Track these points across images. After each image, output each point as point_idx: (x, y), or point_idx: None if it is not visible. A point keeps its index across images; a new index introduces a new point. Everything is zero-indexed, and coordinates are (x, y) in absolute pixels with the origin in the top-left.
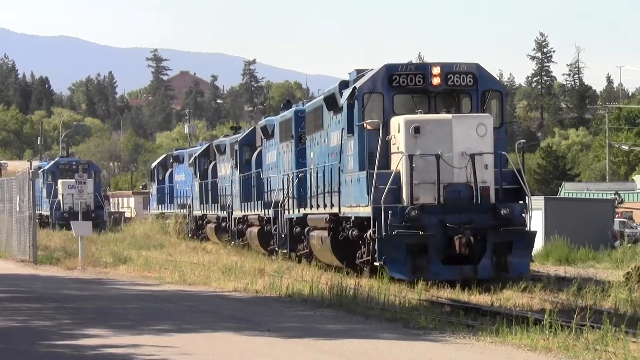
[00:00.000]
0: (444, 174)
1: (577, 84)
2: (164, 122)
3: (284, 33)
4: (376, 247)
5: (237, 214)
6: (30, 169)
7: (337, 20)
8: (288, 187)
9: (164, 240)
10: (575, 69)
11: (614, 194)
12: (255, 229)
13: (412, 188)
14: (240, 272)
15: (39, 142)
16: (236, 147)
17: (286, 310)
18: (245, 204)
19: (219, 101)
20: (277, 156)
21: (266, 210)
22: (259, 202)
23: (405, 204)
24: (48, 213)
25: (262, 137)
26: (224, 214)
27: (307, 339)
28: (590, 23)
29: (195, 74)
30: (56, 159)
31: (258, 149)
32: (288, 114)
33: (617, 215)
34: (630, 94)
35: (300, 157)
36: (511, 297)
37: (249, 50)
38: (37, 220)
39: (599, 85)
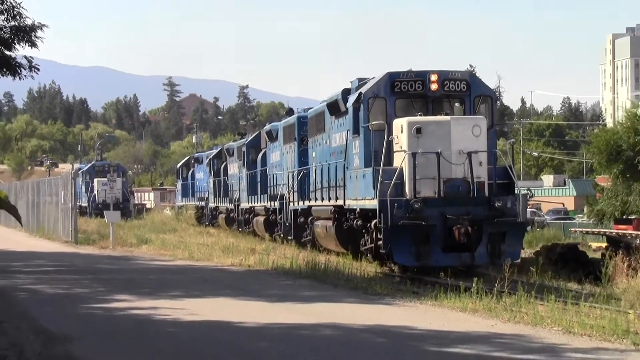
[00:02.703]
0: (444, 170)
1: (498, 104)
2: (177, 133)
3: (271, 63)
4: (381, 236)
5: (245, 205)
6: (73, 170)
7: (313, 51)
8: (292, 182)
9: (177, 226)
10: (497, 93)
11: (527, 190)
12: (261, 218)
13: (414, 183)
14: (236, 251)
15: (79, 149)
16: (244, 149)
17: (272, 281)
18: (252, 196)
19: (219, 117)
20: (280, 156)
21: (272, 202)
22: (264, 195)
23: (408, 197)
24: (86, 204)
25: (267, 140)
26: (232, 206)
27: (288, 303)
28: (508, 56)
29: (201, 96)
30: (92, 162)
31: (263, 151)
32: (291, 119)
33: (528, 206)
34: (539, 112)
35: (302, 156)
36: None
37: (243, 77)
38: (77, 210)
39: (515, 105)
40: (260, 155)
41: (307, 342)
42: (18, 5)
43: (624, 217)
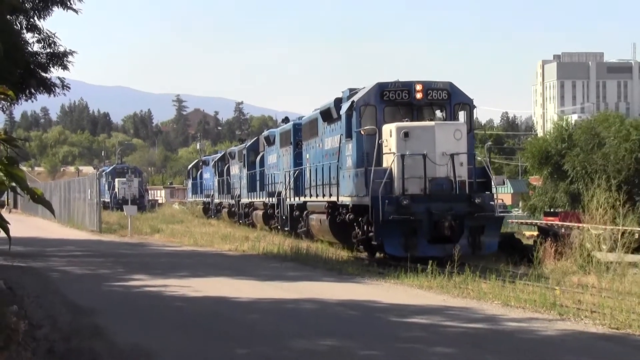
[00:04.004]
0: (429, 170)
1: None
2: (183, 141)
3: (262, 83)
4: (372, 229)
5: (245, 200)
6: (98, 172)
7: (297, 72)
8: (289, 180)
9: (184, 218)
10: None
11: None
12: (260, 212)
13: (403, 181)
14: (233, 239)
15: (102, 154)
16: (244, 152)
17: (262, 263)
18: (251, 193)
19: (219, 128)
20: (277, 158)
21: (270, 198)
22: (262, 192)
23: (397, 195)
24: (108, 200)
25: (265, 144)
26: (233, 201)
27: (276, 282)
28: (456, 77)
29: (203, 110)
30: (114, 165)
31: (261, 154)
32: (287, 126)
33: None
34: (482, 124)
35: (297, 158)
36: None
37: (239, 95)
38: (101, 205)
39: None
40: (258, 158)
41: (291, 314)
42: (53, 35)
43: (552, 210)
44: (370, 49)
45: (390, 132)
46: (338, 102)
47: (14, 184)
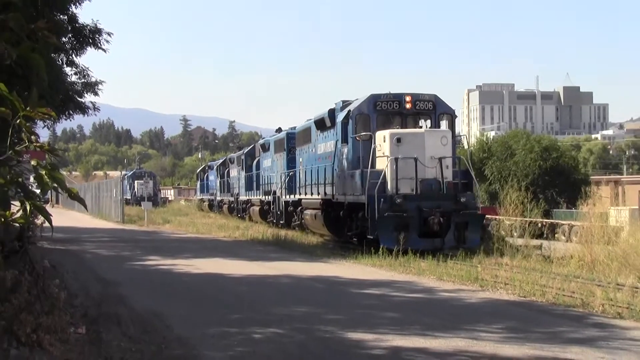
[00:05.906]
0: (419, 172)
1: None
2: (188, 152)
3: (250, 105)
4: (366, 225)
5: (242, 198)
6: (121, 175)
7: (281, 95)
8: (284, 180)
9: (188, 211)
10: None
11: None
12: (256, 208)
13: (396, 182)
14: (227, 227)
15: (125, 162)
16: (242, 157)
17: (250, 247)
18: (248, 191)
19: (216, 141)
20: (272, 162)
21: (266, 196)
22: (259, 190)
23: (390, 194)
24: (129, 197)
25: (260, 150)
26: (232, 199)
27: (260, 262)
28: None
29: (204, 127)
30: (134, 170)
31: (257, 159)
32: (281, 135)
33: None
34: None
35: (290, 162)
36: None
37: (232, 115)
38: (124, 201)
39: None
40: (255, 162)
41: (272, 287)
42: (86, 69)
43: None
44: (327, 77)
45: (384, 138)
46: (332, 112)
47: (55, 185)
